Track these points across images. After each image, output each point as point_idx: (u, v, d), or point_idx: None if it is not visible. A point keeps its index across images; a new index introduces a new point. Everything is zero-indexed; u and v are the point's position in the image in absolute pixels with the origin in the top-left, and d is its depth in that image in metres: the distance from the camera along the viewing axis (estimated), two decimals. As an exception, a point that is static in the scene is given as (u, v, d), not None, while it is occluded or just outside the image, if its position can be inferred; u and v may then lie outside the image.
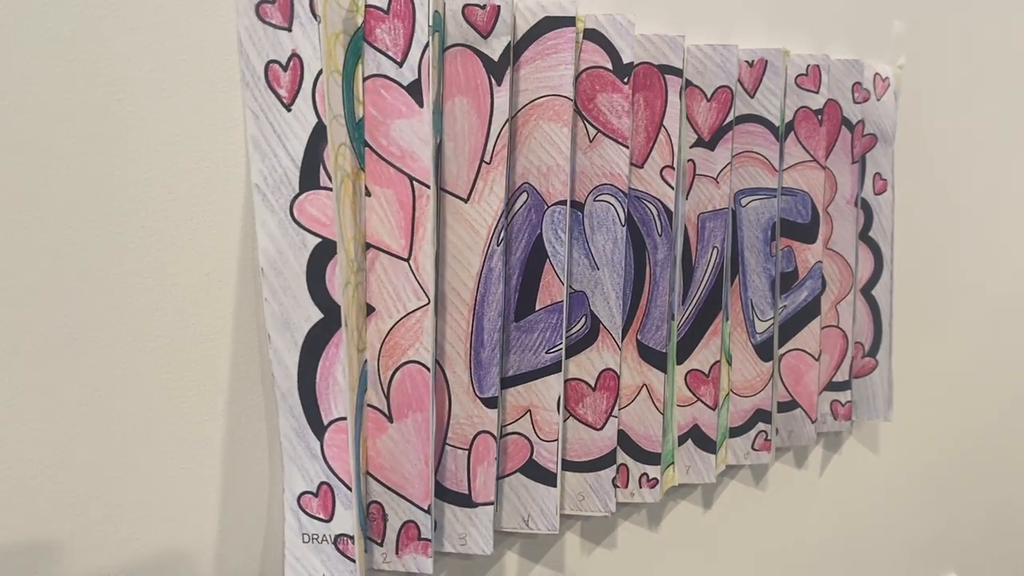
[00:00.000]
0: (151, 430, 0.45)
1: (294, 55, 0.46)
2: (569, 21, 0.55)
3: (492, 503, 0.54)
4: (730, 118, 0.67)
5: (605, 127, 0.59)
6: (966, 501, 1.01)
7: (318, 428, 0.48)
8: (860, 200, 0.83)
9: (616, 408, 0.62)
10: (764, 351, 0.73)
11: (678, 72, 0.62)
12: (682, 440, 0.70)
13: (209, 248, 0.46)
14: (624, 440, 0.66)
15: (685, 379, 0.69)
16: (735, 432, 0.74)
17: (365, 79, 0.49)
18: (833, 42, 0.81)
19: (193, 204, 0.45)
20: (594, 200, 0.60)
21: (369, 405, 0.51)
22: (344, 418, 0.48)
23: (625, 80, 0.59)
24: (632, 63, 0.59)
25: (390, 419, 0.51)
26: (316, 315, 0.47)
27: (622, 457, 0.66)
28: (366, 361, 0.50)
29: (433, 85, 0.49)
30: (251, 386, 0.48)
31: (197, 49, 0.44)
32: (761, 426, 0.74)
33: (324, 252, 0.47)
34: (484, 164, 0.53)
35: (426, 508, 0.51)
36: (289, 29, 0.46)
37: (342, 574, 0.48)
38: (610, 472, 0.62)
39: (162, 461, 0.46)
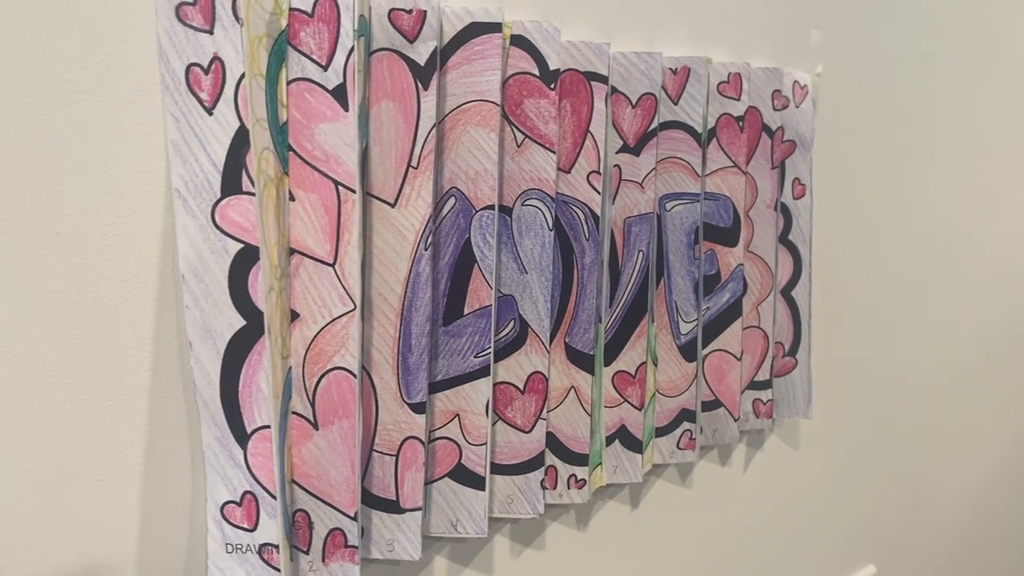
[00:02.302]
0: (68, 440, 0.44)
1: (216, 58, 0.45)
2: (495, 27, 0.55)
3: (420, 508, 0.54)
4: (654, 125, 0.68)
5: (532, 132, 0.60)
6: (885, 495, 1.05)
7: (241, 437, 0.47)
8: (779, 204, 0.85)
9: (544, 411, 0.62)
10: (688, 352, 0.75)
11: (603, 79, 0.63)
12: (609, 441, 0.71)
13: (127, 254, 0.45)
14: (553, 442, 0.66)
15: (612, 380, 0.70)
16: (661, 432, 0.75)
17: (289, 83, 0.48)
18: (754, 50, 0.83)
19: (111, 210, 0.44)
20: (522, 205, 0.60)
21: (294, 412, 0.50)
22: (268, 426, 0.47)
23: (552, 86, 0.59)
24: (559, 69, 0.59)
25: (315, 426, 0.50)
26: (239, 322, 0.47)
27: (551, 459, 0.66)
28: (291, 368, 0.50)
29: (359, 89, 0.49)
30: (172, 395, 0.47)
31: (114, 51, 0.43)
32: (686, 425, 0.76)
33: (246, 258, 0.46)
34: (411, 169, 0.53)
35: (352, 515, 0.51)
36: (211, 32, 0.45)
37: (264, 585, 0.48)
38: (538, 474, 0.62)
39: (79, 472, 0.44)
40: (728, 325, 0.79)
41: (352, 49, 0.48)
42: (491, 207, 0.57)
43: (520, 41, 0.59)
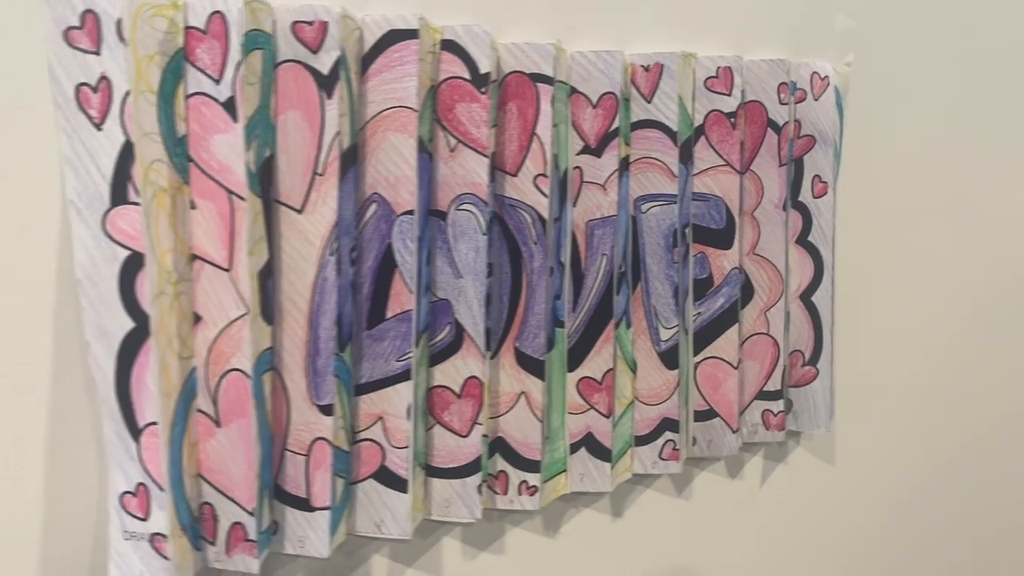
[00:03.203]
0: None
1: (103, 77, 0.48)
2: (412, 34, 0.56)
3: (329, 507, 0.56)
4: (616, 124, 0.66)
5: (465, 137, 0.60)
6: (927, 521, 0.96)
7: (135, 431, 0.51)
8: (798, 203, 0.80)
9: (481, 416, 0.62)
10: (669, 359, 0.72)
11: (549, 80, 0.62)
12: (575, 448, 0.69)
13: (28, 261, 0.49)
14: (503, 447, 0.66)
15: (577, 387, 0.69)
16: (641, 441, 0.73)
17: (188, 97, 0.51)
18: (766, 41, 0.78)
19: (11, 220, 0.48)
20: (456, 209, 0.60)
21: (199, 410, 0.53)
22: (156, 423, 0.50)
23: (483, 90, 0.59)
24: (489, 74, 0.59)
25: (218, 424, 0.53)
26: (129, 324, 0.50)
27: (502, 464, 0.66)
28: (195, 368, 0.52)
29: (249, 101, 0.50)
30: (77, 392, 0.51)
31: (8, 69, 0.47)
32: (669, 435, 0.73)
33: (134, 264, 0.49)
34: (317, 176, 0.54)
35: (251, 511, 0.53)
36: (98, 53, 0.48)
37: (157, 571, 0.51)
38: (476, 479, 0.62)
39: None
40: (723, 332, 0.75)
41: (240, 63, 0.49)
42: (410, 212, 0.57)
43: (451, 46, 0.59)
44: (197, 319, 0.52)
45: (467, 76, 0.59)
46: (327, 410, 0.55)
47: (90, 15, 0.48)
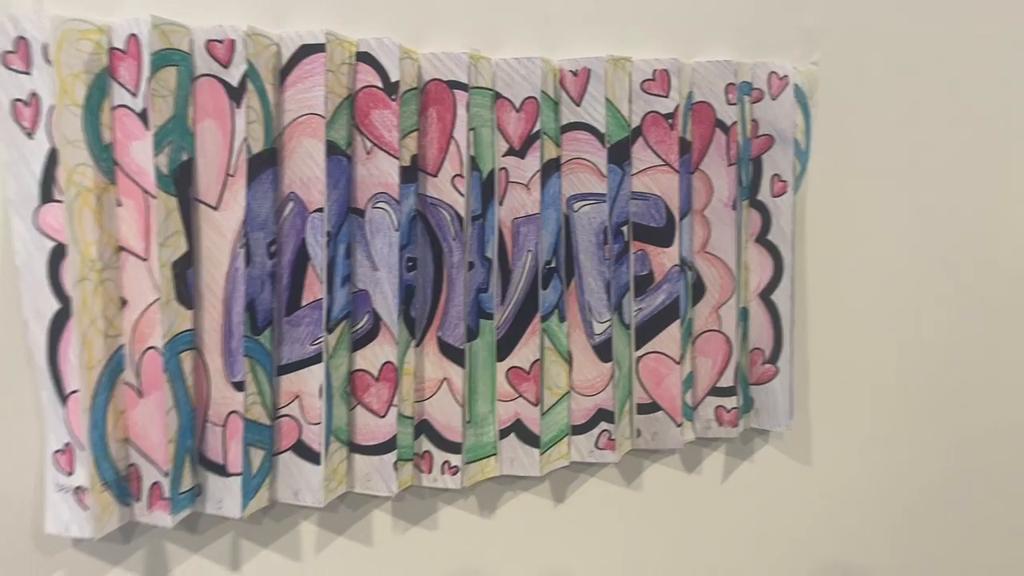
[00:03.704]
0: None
1: (33, 94, 0.57)
2: (320, 48, 0.62)
3: (240, 474, 0.62)
4: (538, 127, 0.70)
5: (379, 140, 0.65)
6: (894, 522, 0.93)
7: (62, 398, 0.59)
8: (757, 202, 0.81)
9: (396, 398, 0.67)
10: (603, 352, 0.74)
11: (464, 87, 0.66)
12: (505, 433, 0.73)
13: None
14: (428, 429, 0.71)
15: (507, 375, 0.73)
16: (578, 430, 0.76)
17: (113, 109, 0.58)
18: (725, 42, 0.79)
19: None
20: (372, 207, 0.66)
21: (126, 383, 0.60)
22: (77, 391, 0.58)
23: (393, 97, 0.64)
24: (398, 82, 0.64)
25: (140, 394, 0.60)
26: (56, 305, 0.58)
27: (426, 444, 0.71)
28: (122, 345, 0.60)
29: (160, 112, 0.57)
30: (21, 363, 0.59)
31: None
32: (604, 425, 0.75)
33: (59, 254, 0.57)
34: (229, 177, 0.61)
35: (166, 472, 0.60)
36: (28, 73, 0.57)
37: (79, 521, 0.59)
38: (391, 456, 0.67)
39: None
40: (664, 327, 0.77)
41: (149, 78, 0.57)
42: (320, 210, 0.63)
43: (365, 57, 0.64)
44: (124, 303, 0.60)
45: (380, 84, 0.64)
46: (239, 387, 0.62)
47: (22, 41, 0.56)
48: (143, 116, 0.58)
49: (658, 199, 0.75)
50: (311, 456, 0.65)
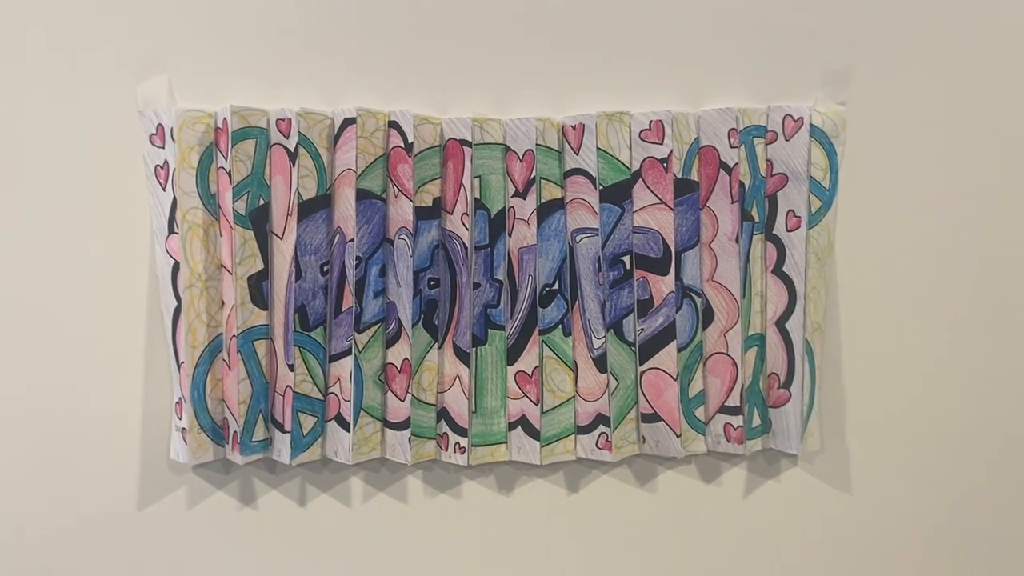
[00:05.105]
0: (100, 373, 0.88)
1: (166, 161, 0.85)
2: (352, 121, 0.83)
3: (289, 432, 0.85)
4: (534, 173, 0.84)
5: (402, 188, 0.84)
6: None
7: (177, 365, 0.86)
8: (772, 236, 0.87)
9: (413, 386, 0.86)
10: (600, 364, 0.87)
11: (469, 144, 0.84)
12: (513, 426, 0.89)
13: (133, 266, 0.87)
14: (446, 416, 0.88)
15: (515, 377, 0.88)
16: (583, 430, 0.89)
17: (218, 169, 0.85)
18: (751, 87, 0.87)
19: (129, 243, 0.87)
20: (398, 239, 0.85)
21: (223, 359, 0.86)
22: (184, 362, 0.84)
23: (410, 154, 0.83)
24: (413, 143, 0.83)
25: (228, 368, 0.86)
26: (174, 303, 0.85)
27: (444, 428, 0.89)
28: (221, 333, 0.86)
29: (238, 171, 0.82)
30: (161, 340, 0.88)
31: (127, 154, 0.86)
32: (602, 428, 0.87)
33: (176, 269, 0.85)
34: (288, 216, 0.84)
35: (240, 425, 0.85)
36: (163, 147, 0.85)
37: (183, 452, 0.85)
38: (406, 433, 0.86)
39: (105, 383, 0.89)
40: (663, 347, 0.87)
41: (229, 148, 0.82)
42: (351, 240, 0.84)
43: (394, 124, 0.84)
44: (223, 303, 0.86)
45: (402, 144, 0.84)
46: (291, 367, 0.85)
47: (160, 126, 0.84)
48: (230, 175, 0.83)
49: (656, 233, 0.86)
50: (344, 425, 0.86)
